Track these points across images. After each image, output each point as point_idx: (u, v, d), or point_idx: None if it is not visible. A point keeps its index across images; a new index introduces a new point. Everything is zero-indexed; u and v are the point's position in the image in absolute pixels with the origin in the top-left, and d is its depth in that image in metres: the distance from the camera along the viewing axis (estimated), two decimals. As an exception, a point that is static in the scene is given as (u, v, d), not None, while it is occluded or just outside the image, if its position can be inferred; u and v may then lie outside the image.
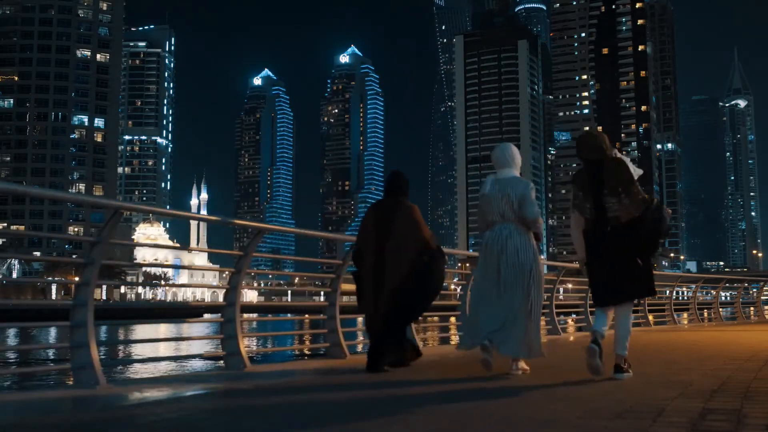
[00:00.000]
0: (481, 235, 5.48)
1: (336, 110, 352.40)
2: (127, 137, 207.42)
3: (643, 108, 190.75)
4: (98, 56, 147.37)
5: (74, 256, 68.49)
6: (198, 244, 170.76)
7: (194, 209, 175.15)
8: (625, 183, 4.91)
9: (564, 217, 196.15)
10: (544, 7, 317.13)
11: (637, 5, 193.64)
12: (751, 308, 22.37)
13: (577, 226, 5.23)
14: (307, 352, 23.81)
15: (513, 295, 5.17)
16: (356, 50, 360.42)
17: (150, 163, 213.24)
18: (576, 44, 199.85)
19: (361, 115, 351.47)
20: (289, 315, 72.76)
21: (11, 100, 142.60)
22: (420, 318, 6.34)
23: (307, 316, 8.82)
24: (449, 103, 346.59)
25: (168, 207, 40.69)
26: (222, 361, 6.10)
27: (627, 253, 4.92)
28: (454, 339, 10.71)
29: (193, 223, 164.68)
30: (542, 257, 5.75)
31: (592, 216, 5.02)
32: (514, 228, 5.25)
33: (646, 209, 4.90)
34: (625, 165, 5.00)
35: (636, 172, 5.02)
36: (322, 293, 7.70)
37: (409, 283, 5.62)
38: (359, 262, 5.93)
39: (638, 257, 4.94)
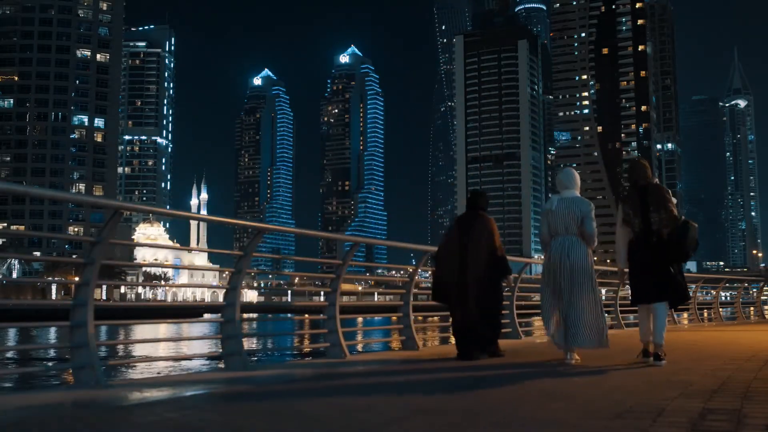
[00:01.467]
0: (543, 243, 6.59)
1: (336, 110, 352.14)
2: (127, 137, 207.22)
3: (643, 108, 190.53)
4: (98, 56, 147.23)
5: (74, 256, 68.48)
6: (198, 244, 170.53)
7: (194, 209, 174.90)
8: (664, 201, 6.08)
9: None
10: (544, 7, 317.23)
11: (637, 5, 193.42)
12: (751, 308, 22.37)
13: (622, 238, 6.31)
14: (307, 351, 23.82)
15: (578, 295, 6.16)
16: (356, 50, 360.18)
17: (150, 163, 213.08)
18: (576, 44, 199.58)
19: (361, 115, 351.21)
20: (289, 315, 72.76)
21: (11, 100, 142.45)
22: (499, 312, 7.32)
23: (307, 316, 8.82)
24: (449, 103, 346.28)
25: (168, 207, 40.64)
26: (222, 361, 6.10)
27: (666, 261, 6.01)
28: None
29: (193, 223, 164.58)
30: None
31: (639, 229, 6.13)
32: (575, 239, 6.32)
33: (675, 226, 6.02)
34: (665, 188, 6.24)
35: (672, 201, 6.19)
36: (322, 293, 7.71)
37: (485, 282, 6.72)
38: (441, 264, 7.00)
39: (670, 265, 6.02)
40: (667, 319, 6.42)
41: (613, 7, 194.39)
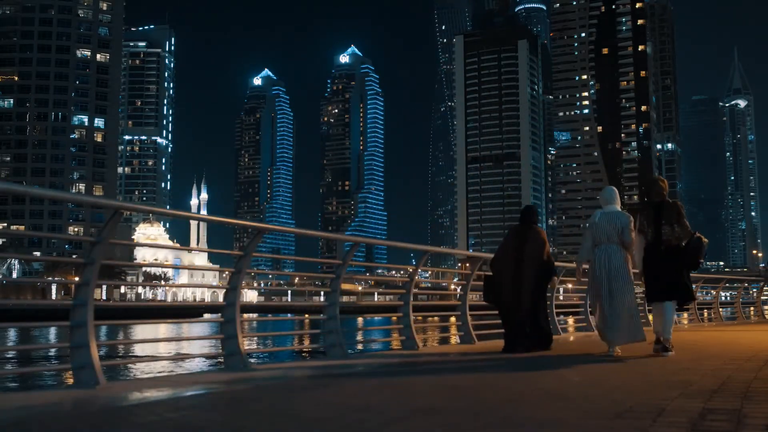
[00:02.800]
0: (584, 252, 7.66)
1: (336, 110, 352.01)
2: (127, 137, 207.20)
3: (643, 108, 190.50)
4: (98, 56, 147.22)
5: (74, 256, 68.47)
6: (198, 244, 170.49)
7: (194, 209, 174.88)
8: (678, 217, 7.15)
9: (564, 217, 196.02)
10: (544, 7, 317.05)
11: (637, 5, 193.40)
12: (751, 308, 22.38)
13: (639, 245, 7.32)
14: (306, 351, 23.82)
15: (621, 297, 7.17)
16: (356, 50, 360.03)
17: (150, 163, 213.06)
18: (576, 44, 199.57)
19: (361, 115, 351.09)
20: (289, 315, 72.76)
21: (11, 100, 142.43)
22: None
23: (307, 316, 8.83)
24: (449, 103, 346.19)
25: (168, 207, 40.65)
26: (222, 361, 6.10)
27: (674, 267, 7.04)
28: (454, 338, 10.75)
29: (193, 223, 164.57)
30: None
31: (651, 239, 7.19)
32: (616, 247, 7.34)
33: (690, 239, 7.05)
34: (679, 206, 7.27)
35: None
36: (322, 293, 7.71)
37: (537, 286, 7.86)
38: (497, 269, 8.04)
39: (680, 272, 7.04)
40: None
41: (613, 7, 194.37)
